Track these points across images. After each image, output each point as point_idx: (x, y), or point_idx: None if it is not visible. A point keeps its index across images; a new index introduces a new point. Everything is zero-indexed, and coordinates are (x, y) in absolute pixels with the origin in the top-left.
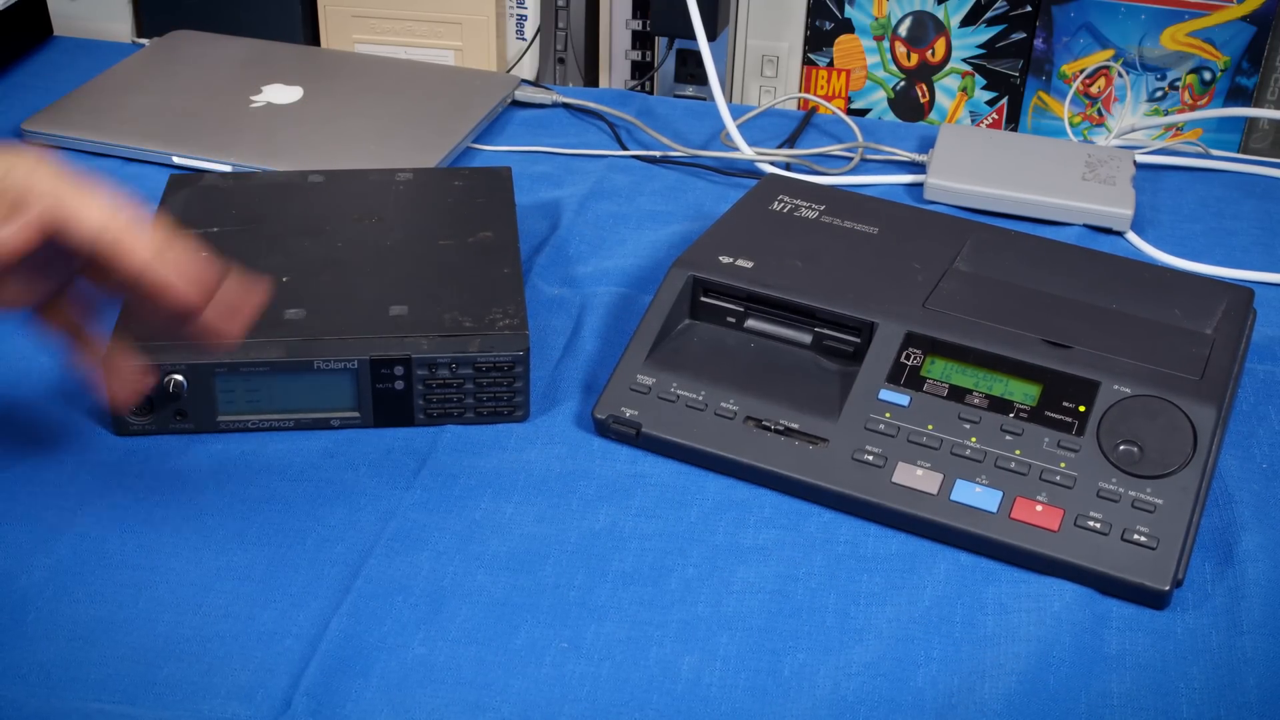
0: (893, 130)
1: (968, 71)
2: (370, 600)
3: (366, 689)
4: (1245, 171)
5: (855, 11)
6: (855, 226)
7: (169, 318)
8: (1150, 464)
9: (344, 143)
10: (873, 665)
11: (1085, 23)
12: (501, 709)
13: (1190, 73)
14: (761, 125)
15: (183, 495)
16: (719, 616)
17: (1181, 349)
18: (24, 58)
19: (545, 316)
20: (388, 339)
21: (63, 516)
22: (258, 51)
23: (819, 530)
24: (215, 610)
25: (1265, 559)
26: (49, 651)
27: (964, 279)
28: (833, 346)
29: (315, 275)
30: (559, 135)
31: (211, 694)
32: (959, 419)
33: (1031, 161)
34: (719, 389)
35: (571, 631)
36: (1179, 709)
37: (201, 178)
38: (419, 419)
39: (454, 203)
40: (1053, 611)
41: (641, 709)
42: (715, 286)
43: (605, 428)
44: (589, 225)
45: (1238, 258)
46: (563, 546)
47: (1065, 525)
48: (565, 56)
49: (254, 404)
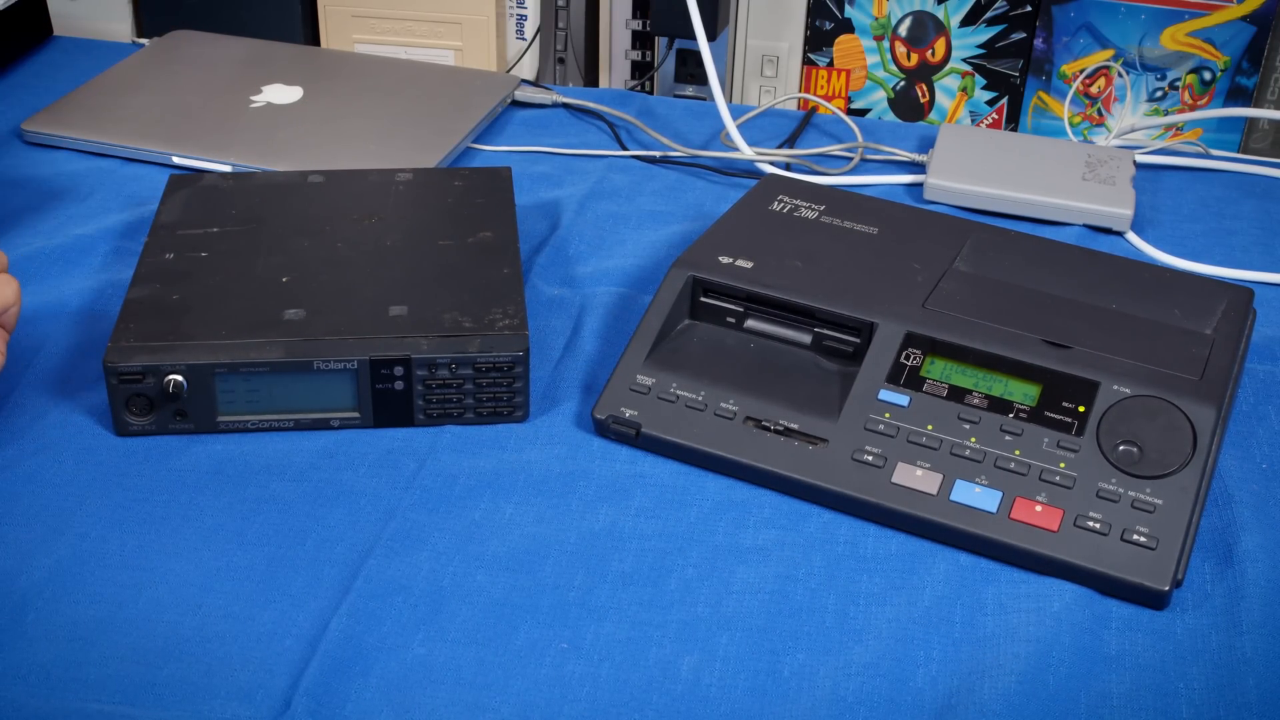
0: (893, 130)
1: (968, 71)
2: (370, 600)
3: (366, 689)
4: (1245, 171)
5: (855, 11)
6: (855, 227)
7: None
8: (1150, 464)
9: (344, 143)
10: (872, 665)
11: (1085, 23)
12: (501, 709)
13: (1190, 73)
14: (761, 125)
15: (183, 495)
16: (719, 617)
17: (1181, 349)
18: (24, 58)
19: (545, 316)
20: (387, 339)
21: (63, 516)
22: (258, 51)
23: (819, 530)
24: (215, 610)
25: (1265, 559)
26: (49, 651)
27: (964, 279)
28: (832, 346)
29: (315, 275)
30: (559, 135)
31: (211, 694)
32: (959, 419)
33: (1031, 161)
34: (719, 389)
35: (571, 632)
36: (1179, 709)
37: (201, 178)
38: (419, 419)
39: (454, 203)
40: (1053, 611)
41: (641, 709)
42: (715, 286)
43: (605, 428)
44: (589, 225)
45: (1238, 258)
46: (562, 547)
47: (1065, 525)
48: (565, 56)
49: (254, 404)
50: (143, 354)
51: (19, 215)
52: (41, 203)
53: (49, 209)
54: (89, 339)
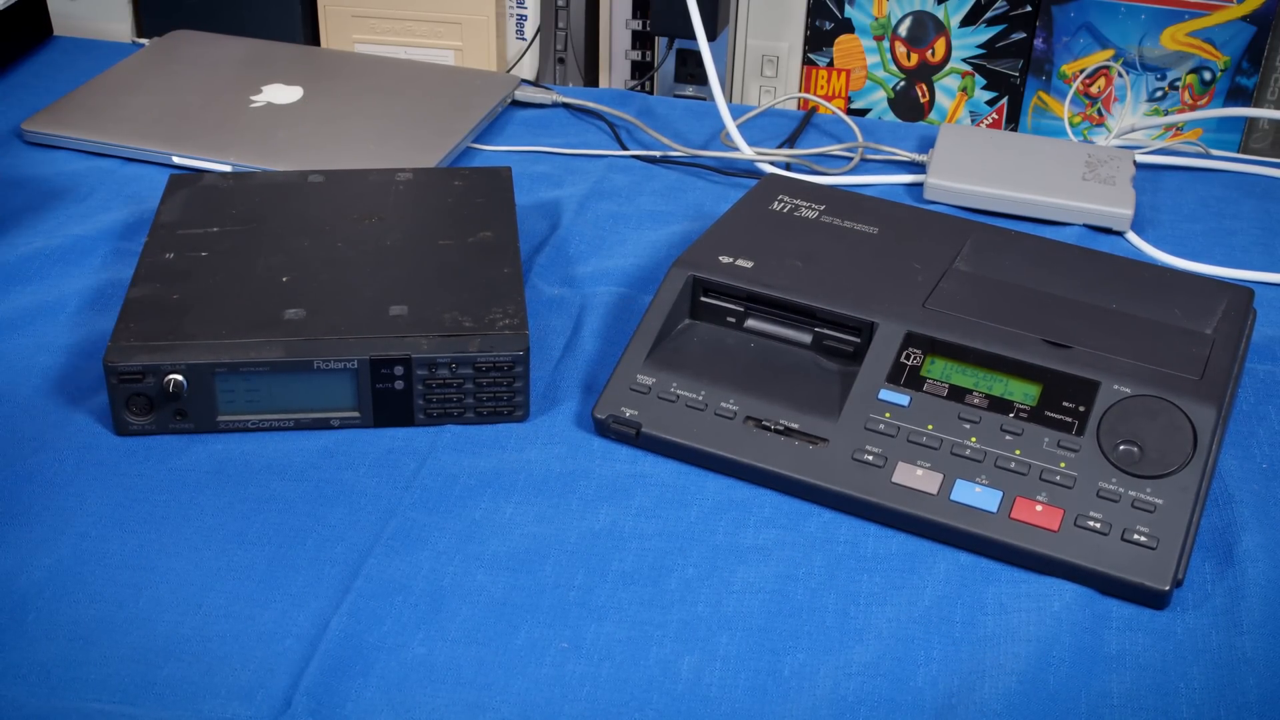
0: (893, 130)
1: (968, 71)
2: (370, 600)
3: (366, 689)
4: (1245, 171)
5: (855, 11)
6: (855, 226)
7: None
8: (1150, 464)
9: (344, 143)
10: (873, 665)
11: (1085, 23)
12: (501, 709)
13: (1190, 73)
14: (761, 125)
15: (183, 495)
16: (719, 616)
17: (1181, 349)
18: (24, 58)
19: (545, 316)
20: (387, 339)
21: (63, 516)
22: (258, 51)
23: (819, 530)
24: (215, 610)
25: (1265, 559)
26: (49, 651)
27: (964, 279)
28: (833, 346)
29: (315, 275)
30: (559, 135)
31: (211, 694)
32: (959, 419)
33: (1031, 161)
34: (719, 389)
35: (571, 631)
36: (1179, 709)
37: (201, 178)
38: (419, 419)
39: (454, 203)
40: (1053, 611)
41: (641, 709)
42: (715, 286)
43: (605, 428)
44: (589, 225)
45: (1238, 258)
46: (563, 546)
47: (1065, 525)
48: (565, 56)
49: (254, 404)
50: (143, 354)
51: (19, 215)
52: (41, 203)
53: (49, 209)
54: (89, 339)
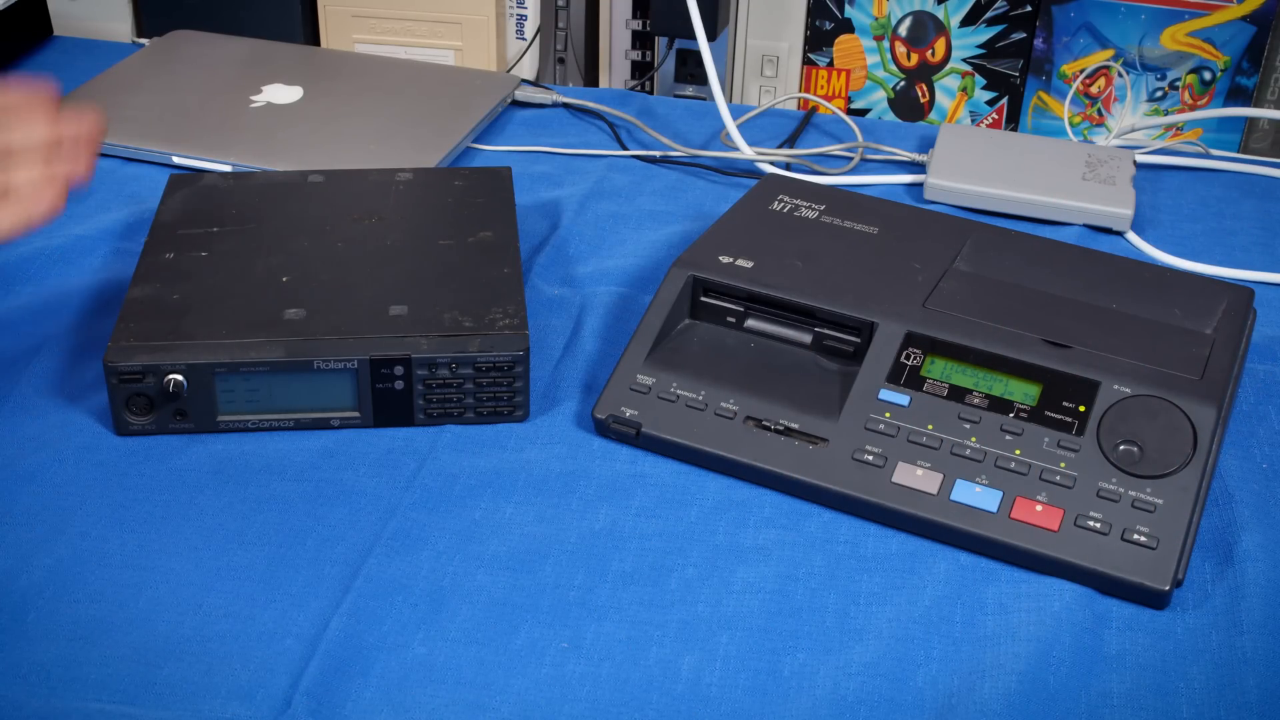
0: (893, 130)
1: (968, 71)
2: (370, 600)
3: (366, 689)
4: (1245, 171)
5: (855, 11)
6: (855, 226)
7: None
8: (1150, 464)
9: (344, 143)
10: (873, 665)
11: (1085, 23)
12: (501, 709)
13: (1190, 73)
14: (761, 125)
15: (183, 495)
16: (719, 616)
17: (1181, 349)
18: (24, 58)
19: (545, 316)
20: (387, 339)
21: (63, 516)
22: (258, 51)
23: (819, 530)
24: (215, 610)
25: (1265, 559)
26: (49, 651)
27: (964, 279)
28: (833, 346)
29: (315, 275)
30: (559, 135)
31: (211, 694)
32: (959, 419)
33: (1031, 161)
34: (719, 389)
35: (571, 631)
36: (1179, 709)
37: (201, 178)
38: (419, 419)
39: (454, 203)
40: (1053, 611)
41: (641, 709)
42: (715, 286)
43: (605, 428)
44: (589, 225)
45: (1238, 258)
46: (563, 546)
47: (1065, 525)
48: (565, 56)
49: (254, 404)
50: (143, 353)
51: None
52: None
53: None
54: (89, 339)
